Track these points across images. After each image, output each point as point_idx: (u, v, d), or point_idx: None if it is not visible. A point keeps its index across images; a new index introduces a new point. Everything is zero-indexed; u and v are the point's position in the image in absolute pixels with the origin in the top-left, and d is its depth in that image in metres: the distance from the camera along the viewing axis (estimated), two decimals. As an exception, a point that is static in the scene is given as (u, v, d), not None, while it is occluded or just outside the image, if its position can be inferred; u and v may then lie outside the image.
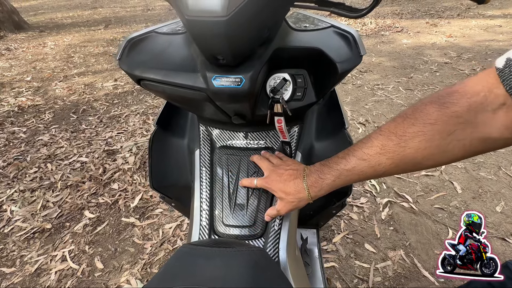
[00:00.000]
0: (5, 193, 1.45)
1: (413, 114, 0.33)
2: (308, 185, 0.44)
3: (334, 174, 0.41)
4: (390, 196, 1.34)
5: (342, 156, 0.40)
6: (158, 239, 1.21)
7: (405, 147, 0.33)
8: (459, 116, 0.30)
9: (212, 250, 0.33)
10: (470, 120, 0.30)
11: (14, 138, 1.91)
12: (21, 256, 1.17)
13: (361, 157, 0.37)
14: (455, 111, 0.30)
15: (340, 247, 1.14)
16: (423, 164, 0.34)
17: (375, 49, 3.11)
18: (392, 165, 0.35)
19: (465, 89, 0.30)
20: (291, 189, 0.45)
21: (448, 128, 0.30)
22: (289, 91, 0.48)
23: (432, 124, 0.31)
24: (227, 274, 0.28)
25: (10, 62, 3.37)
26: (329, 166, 0.42)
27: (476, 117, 0.29)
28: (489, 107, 0.29)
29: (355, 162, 0.38)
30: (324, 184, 0.42)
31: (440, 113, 0.30)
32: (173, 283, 0.27)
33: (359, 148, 0.38)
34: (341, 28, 0.45)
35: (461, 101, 0.30)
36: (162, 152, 0.65)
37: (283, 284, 0.32)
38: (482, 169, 1.46)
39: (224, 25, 0.31)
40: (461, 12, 4.16)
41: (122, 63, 0.45)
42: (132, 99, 2.37)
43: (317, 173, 0.43)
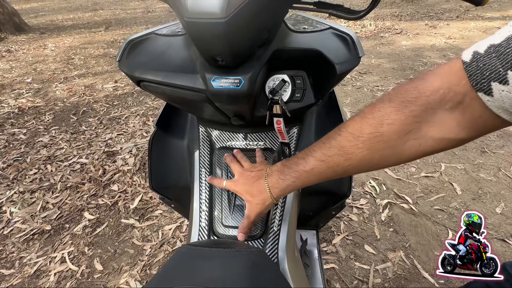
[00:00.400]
0: (5, 194, 1.45)
1: (371, 114, 0.32)
2: (270, 185, 0.43)
3: (293, 175, 0.40)
4: (390, 198, 1.34)
5: (302, 157, 0.39)
6: (157, 240, 1.21)
7: (362, 148, 0.32)
8: (416, 116, 0.29)
9: (211, 251, 0.33)
10: (426, 119, 0.29)
11: (14, 140, 1.91)
12: (20, 257, 1.17)
13: (320, 158, 0.37)
14: (412, 110, 0.29)
15: (340, 249, 1.14)
16: (381, 164, 0.34)
17: (375, 51, 3.12)
18: (351, 166, 0.34)
19: (424, 85, 0.29)
20: (254, 191, 0.44)
21: (405, 128, 0.30)
22: (288, 92, 0.49)
23: (390, 125, 0.30)
24: (226, 274, 0.28)
25: (11, 64, 3.38)
26: (289, 167, 0.41)
27: (433, 116, 0.29)
28: (447, 105, 0.28)
29: (313, 163, 0.37)
30: (284, 185, 0.41)
31: (398, 113, 0.30)
32: (172, 283, 0.27)
33: (318, 149, 0.37)
34: (340, 29, 0.45)
35: (420, 99, 0.29)
36: (162, 153, 0.65)
37: (282, 284, 0.32)
38: (482, 170, 1.46)
39: (223, 27, 0.31)
40: (460, 14, 4.18)
41: (122, 64, 0.46)
42: (132, 100, 2.38)
43: (277, 174, 0.42)
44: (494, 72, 0.24)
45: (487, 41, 0.26)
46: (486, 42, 0.26)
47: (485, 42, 0.26)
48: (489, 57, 0.25)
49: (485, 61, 0.25)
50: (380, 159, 0.32)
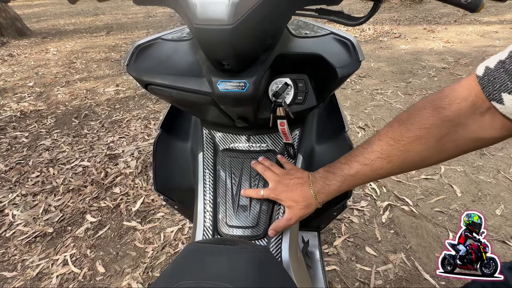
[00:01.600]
0: (7, 197, 1.46)
1: (408, 120, 0.35)
2: (315, 191, 0.45)
3: (339, 180, 0.42)
4: (391, 200, 1.35)
5: (345, 162, 0.42)
6: (159, 242, 1.21)
7: (403, 151, 0.35)
8: (451, 120, 0.32)
9: (218, 247, 0.34)
10: (461, 123, 0.32)
11: (16, 143, 1.92)
12: (23, 260, 1.18)
13: (363, 162, 0.39)
14: (447, 115, 0.32)
15: (341, 251, 1.14)
16: (422, 164, 0.36)
17: (374, 55, 3.16)
18: (394, 167, 0.37)
19: (454, 94, 0.32)
20: (299, 197, 0.46)
21: (442, 131, 0.33)
22: (290, 95, 0.50)
23: (427, 128, 0.33)
24: (233, 270, 0.29)
25: (13, 68, 3.40)
26: (334, 173, 0.43)
27: (467, 120, 0.32)
28: (478, 110, 0.31)
29: (358, 167, 0.40)
30: (331, 189, 0.44)
31: (434, 118, 0.33)
32: (181, 279, 0.28)
33: (361, 154, 0.40)
34: (341, 35, 0.47)
35: (452, 106, 0.32)
36: (166, 155, 0.67)
37: (287, 282, 0.32)
38: (481, 173, 1.48)
39: (230, 33, 0.32)
40: (457, 18, 4.23)
41: (130, 69, 0.47)
42: (134, 104, 2.40)
43: (322, 180, 0.45)
44: (503, 85, 0.28)
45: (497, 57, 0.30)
46: (496, 57, 0.30)
47: (495, 58, 0.30)
48: (498, 72, 0.29)
49: (495, 75, 0.29)
50: (421, 160, 0.35)
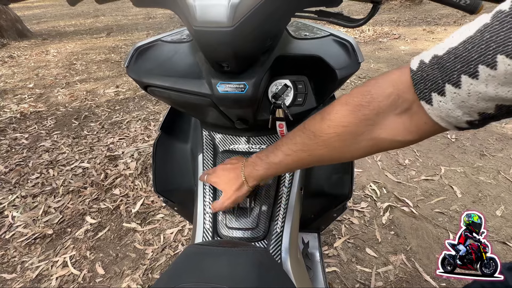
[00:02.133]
0: (7, 198, 1.46)
1: (329, 115, 0.35)
2: (245, 175, 0.48)
3: (264, 167, 0.45)
4: (391, 201, 1.35)
5: (271, 150, 0.44)
6: (159, 244, 1.21)
7: (322, 146, 0.36)
8: (369, 119, 0.32)
9: (218, 250, 0.34)
10: (378, 122, 0.32)
11: (16, 144, 1.92)
12: (22, 262, 1.17)
13: (286, 152, 0.41)
14: (365, 114, 0.32)
15: (341, 252, 1.14)
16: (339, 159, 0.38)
17: (374, 56, 3.16)
18: (313, 160, 0.39)
19: (377, 90, 0.31)
20: (231, 179, 0.49)
21: (359, 129, 0.33)
22: (290, 96, 0.50)
23: (345, 127, 0.33)
24: (233, 272, 0.29)
25: (13, 69, 3.41)
26: (261, 159, 0.45)
27: (384, 119, 0.31)
28: (396, 110, 0.30)
29: (281, 157, 0.42)
30: (258, 174, 0.46)
31: (352, 116, 0.33)
32: (181, 280, 0.28)
33: (285, 144, 0.41)
34: (340, 36, 0.47)
35: (372, 104, 0.31)
36: (166, 157, 0.67)
37: (286, 283, 0.32)
38: (481, 174, 1.47)
39: (229, 35, 0.33)
40: (457, 19, 4.24)
41: (130, 70, 0.47)
42: (134, 105, 2.40)
43: (252, 165, 0.47)
44: (435, 83, 0.26)
45: (433, 51, 0.27)
46: (432, 51, 0.28)
47: (431, 52, 0.28)
48: (431, 68, 0.27)
49: (428, 71, 0.27)
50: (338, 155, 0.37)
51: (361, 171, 1.54)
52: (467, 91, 0.24)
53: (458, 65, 0.24)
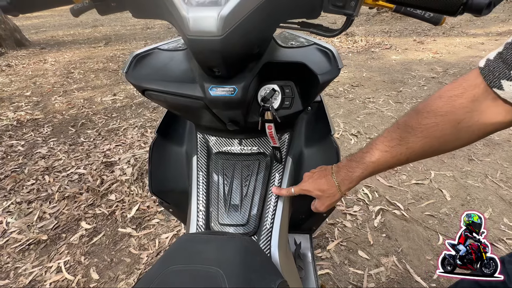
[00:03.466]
0: (1, 205, 1.46)
1: (424, 108, 0.38)
2: (338, 180, 0.49)
3: (361, 167, 0.46)
4: (382, 204, 1.38)
5: (366, 151, 0.45)
6: (154, 249, 1.22)
7: (421, 137, 0.38)
8: (466, 107, 0.35)
9: (208, 237, 0.36)
10: (475, 109, 0.35)
11: (12, 151, 1.93)
12: (16, 268, 1.17)
13: (384, 149, 0.42)
14: (461, 102, 0.35)
15: (334, 254, 1.16)
16: (441, 149, 0.39)
17: (366, 65, 3.26)
18: (413, 153, 0.40)
19: (467, 82, 0.35)
20: (324, 186, 0.50)
21: (457, 117, 0.35)
22: (278, 100, 0.54)
23: (443, 116, 0.36)
24: (221, 256, 0.32)
25: (10, 78, 3.43)
26: (356, 161, 0.47)
27: (480, 105, 0.35)
28: (490, 96, 0.34)
29: (379, 155, 0.43)
30: (354, 176, 0.47)
31: (449, 106, 0.36)
32: (173, 263, 0.30)
33: (381, 142, 0.43)
34: (322, 45, 0.51)
35: (466, 93, 0.35)
36: (162, 159, 0.69)
37: (271, 268, 0.35)
38: (469, 177, 1.52)
39: (219, 43, 0.36)
40: (446, 31, 4.40)
41: (128, 76, 0.51)
42: (131, 112, 2.43)
43: (345, 169, 0.48)
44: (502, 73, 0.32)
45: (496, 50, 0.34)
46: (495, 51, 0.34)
47: (494, 51, 0.34)
48: (497, 62, 0.33)
49: (494, 65, 0.33)
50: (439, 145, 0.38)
51: (353, 175, 1.58)
52: None
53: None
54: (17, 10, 0.41)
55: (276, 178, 0.60)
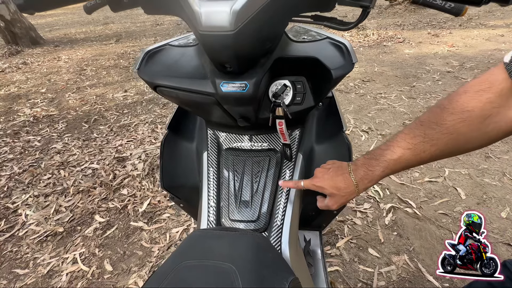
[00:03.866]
0: (21, 198, 1.52)
1: (450, 104, 0.36)
2: (357, 179, 0.46)
3: (382, 166, 0.43)
4: (394, 202, 1.36)
5: (386, 148, 0.43)
6: (165, 242, 1.24)
7: (447, 134, 0.36)
8: (493, 102, 0.34)
9: (221, 233, 0.36)
10: (502, 104, 0.34)
11: (30, 147, 2.00)
12: (34, 258, 1.22)
13: (406, 146, 0.40)
14: (488, 97, 0.34)
15: (344, 252, 1.15)
16: (466, 147, 0.38)
17: (378, 59, 3.17)
18: (437, 151, 0.38)
19: (494, 77, 0.34)
20: (341, 184, 0.47)
21: (484, 113, 0.34)
22: (289, 96, 0.53)
23: (470, 111, 0.35)
24: (233, 252, 0.32)
25: (26, 75, 3.54)
26: (376, 159, 0.44)
27: (508, 100, 0.33)
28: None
29: (400, 152, 0.41)
30: (374, 175, 0.45)
31: (476, 101, 0.34)
32: (186, 258, 0.31)
33: (402, 139, 0.41)
34: (335, 39, 0.50)
35: (493, 88, 0.34)
36: (173, 155, 0.70)
37: (283, 265, 0.35)
38: (486, 175, 1.47)
39: (231, 38, 0.36)
40: (463, 23, 4.23)
41: (140, 72, 0.51)
42: (141, 109, 2.46)
43: (364, 167, 0.46)
44: None
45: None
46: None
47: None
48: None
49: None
50: (465, 142, 0.37)
51: (364, 172, 1.55)
52: None
53: None
54: (33, 8, 0.42)
55: (286, 175, 0.59)
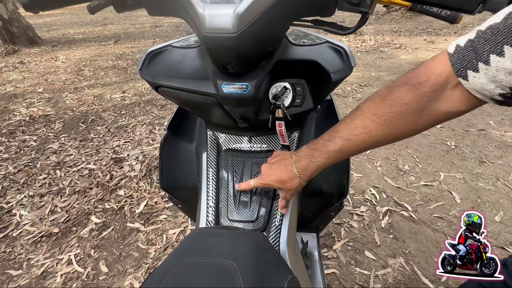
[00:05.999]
0: (15, 198, 1.50)
1: (389, 96, 0.38)
2: (299, 170, 0.47)
3: (324, 156, 0.44)
4: (390, 205, 1.37)
5: (329, 139, 0.44)
6: (161, 244, 1.24)
7: (385, 125, 0.38)
8: (428, 95, 0.35)
9: (221, 231, 0.37)
10: (435, 98, 0.35)
11: (25, 146, 1.98)
12: (28, 259, 1.20)
13: (346, 137, 0.42)
14: (424, 91, 0.35)
15: (340, 254, 1.15)
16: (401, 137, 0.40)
17: (375, 64, 3.22)
18: (375, 141, 0.40)
19: (431, 70, 0.35)
20: (285, 177, 0.48)
21: (420, 106, 0.36)
22: (289, 98, 0.54)
23: (407, 104, 0.36)
24: (234, 249, 0.32)
25: (23, 75, 3.52)
26: (318, 150, 0.45)
27: (440, 94, 0.35)
28: (449, 85, 0.34)
29: (341, 143, 0.42)
30: (316, 166, 0.46)
31: (413, 94, 0.36)
32: (186, 256, 0.31)
33: (344, 130, 0.42)
34: (335, 43, 0.51)
35: (429, 82, 0.35)
36: (172, 155, 0.70)
37: (281, 264, 0.35)
38: (480, 180, 1.49)
39: (234, 40, 0.37)
40: (457, 30, 4.31)
41: (142, 72, 0.52)
42: (139, 110, 2.46)
43: (307, 158, 0.47)
44: (470, 62, 0.31)
45: (467, 36, 0.33)
46: (466, 37, 0.33)
47: (465, 37, 0.33)
48: (467, 50, 0.32)
49: (464, 53, 0.32)
50: (400, 133, 0.39)
51: (361, 175, 1.57)
52: (495, 67, 0.29)
53: (487, 46, 0.29)
54: (38, 7, 0.43)
55: (285, 176, 0.60)
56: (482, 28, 0.31)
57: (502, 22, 0.29)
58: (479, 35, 0.31)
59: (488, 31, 0.30)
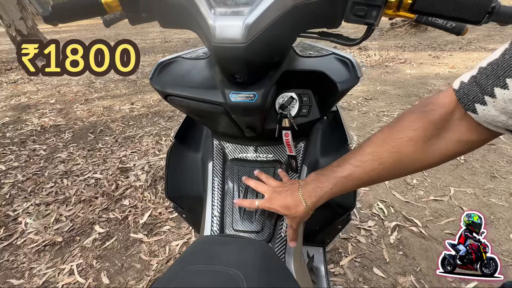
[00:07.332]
0: (22, 206, 1.51)
1: (398, 123, 0.39)
2: (305, 196, 0.46)
3: (331, 182, 0.43)
4: (398, 220, 1.33)
5: (337, 165, 0.44)
6: (164, 256, 1.22)
7: (394, 152, 0.38)
8: (436, 123, 0.36)
9: (227, 239, 0.36)
10: (444, 126, 0.36)
11: (35, 155, 2.02)
12: (31, 268, 1.19)
13: (355, 164, 0.41)
14: (432, 118, 0.36)
15: (348, 271, 1.11)
16: (412, 167, 0.39)
17: (380, 79, 3.24)
18: (384, 170, 0.39)
19: (438, 100, 0.37)
20: (290, 204, 0.47)
21: (428, 133, 0.37)
22: (295, 108, 0.54)
23: (415, 130, 0.37)
24: (240, 258, 0.32)
25: (37, 87, 3.65)
26: (326, 175, 0.44)
27: (449, 123, 0.36)
28: (457, 115, 0.35)
29: (350, 170, 0.42)
30: (322, 192, 0.44)
31: (421, 121, 0.37)
32: (192, 263, 0.30)
33: (353, 157, 0.42)
34: (341, 54, 0.52)
35: (436, 111, 0.36)
36: (178, 164, 0.71)
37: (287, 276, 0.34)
38: (492, 195, 1.44)
39: (243, 50, 0.38)
40: (462, 46, 4.34)
41: (153, 82, 0.53)
42: (147, 121, 2.50)
43: (314, 183, 0.46)
44: (476, 96, 0.32)
45: (470, 73, 0.34)
46: (469, 74, 0.34)
47: (468, 74, 0.34)
48: (471, 85, 0.33)
49: (468, 88, 0.33)
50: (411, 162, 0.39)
51: (367, 189, 1.53)
52: (502, 99, 0.30)
53: (490, 81, 0.31)
54: (57, 19, 0.45)
55: (291, 186, 0.59)
56: (483, 65, 0.32)
57: (501, 58, 0.30)
58: (481, 71, 0.32)
59: (488, 67, 0.31)
